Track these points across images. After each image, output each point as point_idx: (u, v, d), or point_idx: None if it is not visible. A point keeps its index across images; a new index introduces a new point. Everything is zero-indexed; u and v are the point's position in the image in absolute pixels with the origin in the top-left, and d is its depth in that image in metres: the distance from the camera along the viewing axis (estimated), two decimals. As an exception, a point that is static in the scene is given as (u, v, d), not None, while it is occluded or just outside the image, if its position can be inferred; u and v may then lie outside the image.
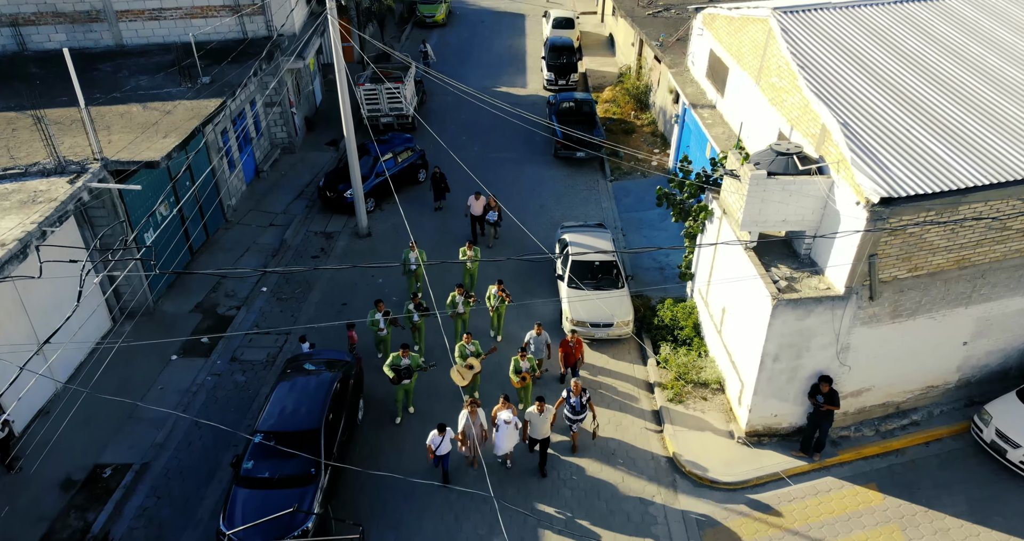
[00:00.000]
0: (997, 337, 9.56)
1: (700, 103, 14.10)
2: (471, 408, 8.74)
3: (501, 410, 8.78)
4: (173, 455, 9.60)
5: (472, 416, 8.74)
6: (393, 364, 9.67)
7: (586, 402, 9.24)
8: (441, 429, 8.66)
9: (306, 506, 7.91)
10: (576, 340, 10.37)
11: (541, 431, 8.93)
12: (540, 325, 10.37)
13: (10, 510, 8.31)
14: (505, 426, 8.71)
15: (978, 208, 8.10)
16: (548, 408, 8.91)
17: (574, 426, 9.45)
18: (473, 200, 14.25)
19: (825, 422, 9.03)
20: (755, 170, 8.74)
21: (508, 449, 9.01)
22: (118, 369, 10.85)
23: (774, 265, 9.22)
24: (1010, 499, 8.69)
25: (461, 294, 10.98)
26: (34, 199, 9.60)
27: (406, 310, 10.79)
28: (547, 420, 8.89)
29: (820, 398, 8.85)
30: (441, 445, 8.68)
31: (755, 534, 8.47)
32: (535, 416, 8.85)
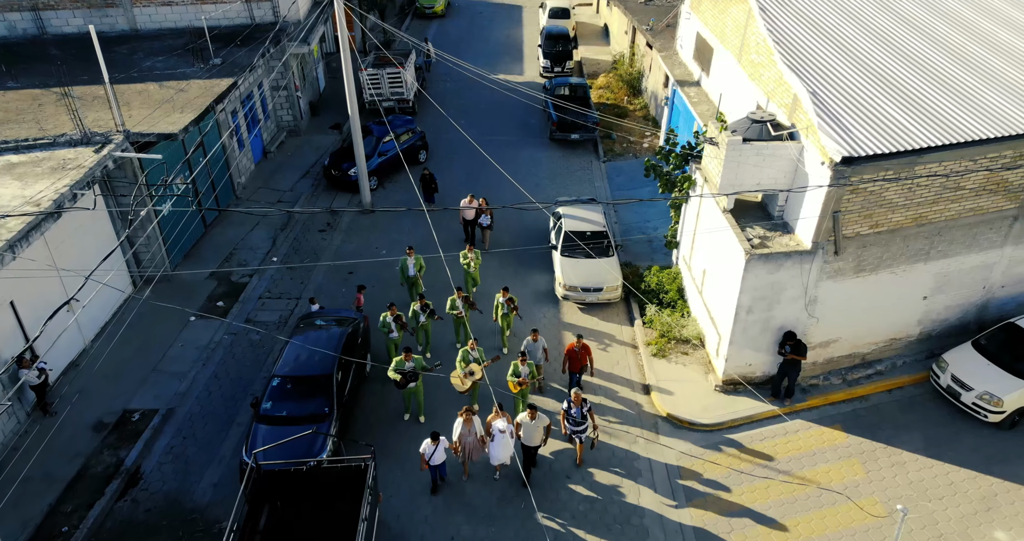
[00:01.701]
0: (955, 292, 10.36)
1: (687, 82, 14.85)
2: (466, 416, 8.63)
3: (496, 419, 8.69)
4: (196, 402, 10.41)
5: (467, 424, 8.63)
6: (397, 368, 9.55)
7: (586, 412, 9.10)
8: (434, 438, 8.53)
9: (319, 446, 8.70)
10: (583, 345, 10.14)
11: (533, 439, 8.83)
12: (536, 331, 10.25)
13: (49, 447, 9.10)
14: (500, 435, 8.63)
15: (933, 168, 8.87)
16: (540, 416, 8.79)
17: (576, 437, 9.30)
18: (466, 203, 13.95)
19: (792, 371, 9.81)
20: (732, 136, 9.52)
21: (504, 458, 8.83)
22: (141, 329, 11.69)
23: (749, 226, 9.99)
24: (962, 437, 9.51)
25: (460, 297, 10.86)
26: (64, 166, 10.35)
27: (412, 311, 10.76)
28: (538, 428, 8.79)
29: (787, 348, 9.65)
30: (435, 454, 8.53)
31: (728, 467, 9.29)
32: (527, 423, 8.74)
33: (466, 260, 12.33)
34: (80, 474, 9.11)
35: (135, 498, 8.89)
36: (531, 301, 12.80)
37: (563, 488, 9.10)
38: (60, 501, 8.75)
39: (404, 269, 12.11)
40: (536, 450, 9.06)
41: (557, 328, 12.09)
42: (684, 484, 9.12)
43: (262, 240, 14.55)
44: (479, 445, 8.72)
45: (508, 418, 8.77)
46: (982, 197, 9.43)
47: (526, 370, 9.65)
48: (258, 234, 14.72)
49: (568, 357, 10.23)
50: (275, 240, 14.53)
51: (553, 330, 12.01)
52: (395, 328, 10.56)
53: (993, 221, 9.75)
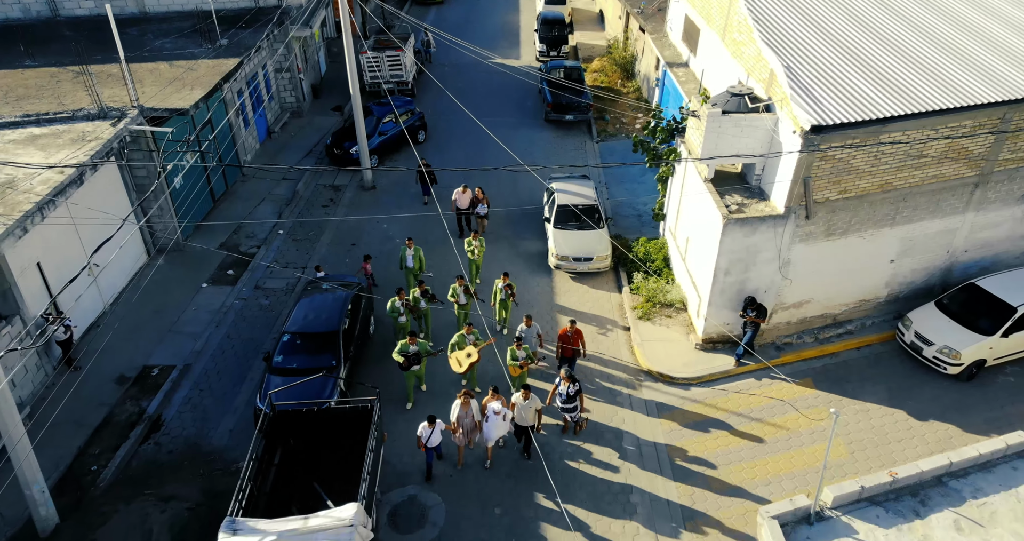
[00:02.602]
0: (920, 256, 11.04)
1: (676, 63, 15.43)
2: (464, 399, 8.91)
3: (491, 401, 8.96)
4: (210, 359, 11.13)
5: (465, 407, 8.90)
6: (402, 351, 9.83)
7: (574, 394, 9.36)
8: (431, 421, 8.74)
9: (328, 389, 9.43)
10: (575, 330, 10.35)
11: (526, 418, 9.09)
12: (529, 317, 10.54)
13: (75, 397, 9.80)
14: (495, 416, 8.90)
15: (896, 137, 9.51)
16: (533, 397, 9.06)
17: (567, 415, 9.64)
18: (459, 193, 14.02)
19: (751, 332, 10.45)
20: (712, 109, 10.14)
21: (497, 438, 9.14)
22: (156, 294, 12.41)
23: (728, 194, 10.65)
24: (923, 387, 10.25)
25: (462, 285, 11.08)
26: (83, 138, 10.97)
27: (412, 297, 10.98)
28: (531, 408, 9.03)
29: (749, 311, 10.31)
30: (431, 436, 8.76)
31: (705, 415, 10.04)
32: (520, 403, 9.02)
33: (471, 247, 12.46)
34: (106, 421, 9.86)
35: (157, 442, 9.65)
36: (525, 271, 13.49)
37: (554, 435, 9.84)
38: (88, 444, 9.51)
39: (403, 260, 12.22)
40: (531, 430, 9.24)
41: (549, 296, 12.78)
42: (664, 429, 9.88)
43: (269, 214, 15.19)
44: (475, 427, 8.99)
45: (503, 401, 9.05)
46: (944, 165, 10.08)
47: (523, 354, 9.92)
48: (264, 208, 15.37)
49: (561, 341, 10.42)
50: (280, 215, 15.18)
51: (546, 298, 12.70)
52: (404, 312, 10.79)
53: (955, 188, 10.42)
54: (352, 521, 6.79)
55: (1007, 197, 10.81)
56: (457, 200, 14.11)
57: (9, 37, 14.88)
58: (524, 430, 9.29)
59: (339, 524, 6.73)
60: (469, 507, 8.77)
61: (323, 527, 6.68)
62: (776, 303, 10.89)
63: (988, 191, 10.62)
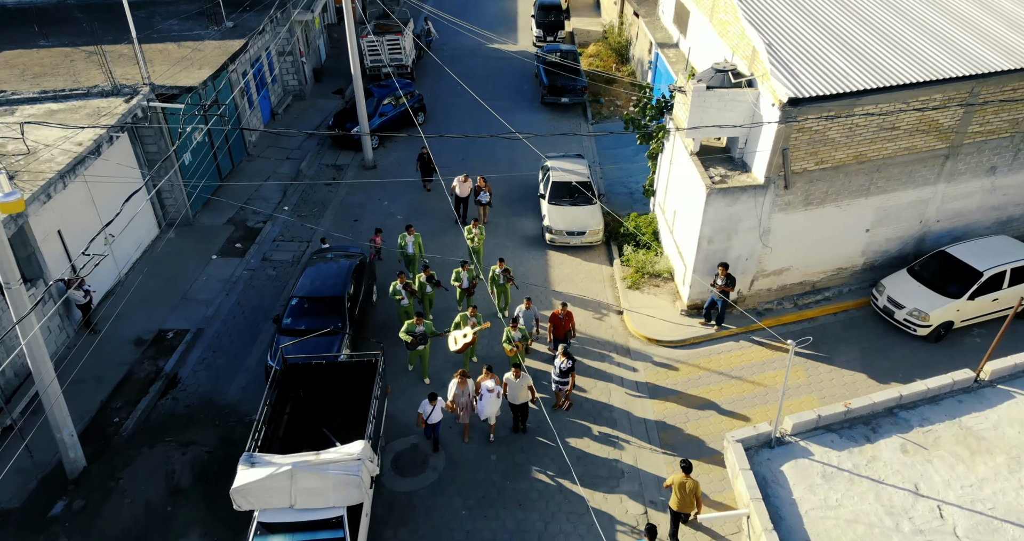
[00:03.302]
0: (894, 226, 11.62)
1: (667, 44, 15.91)
2: (460, 378, 9.25)
3: (485, 379, 9.29)
4: (222, 324, 11.74)
5: (461, 386, 9.23)
6: (408, 330, 10.16)
7: (567, 370, 9.66)
8: (432, 398, 9.03)
9: (336, 346, 10.04)
10: (567, 313, 10.62)
11: (518, 396, 9.36)
12: (529, 300, 10.83)
13: (96, 357, 10.45)
14: (488, 394, 9.21)
15: (869, 109, 10.05)
16: (525, 375, 9.32)
17: (560, 389, 9.94)
18: (460, 181, 14.09)
19: (721, 300, 11.00)
20: (697, 84, 10.66)
21: (490, 414, 9.42)
22: (168, 265, 13.03)
23: (713, 167, 11.21)
24: (894, 348, 10.88)
25: (465, 270, 11.34)
26: (98, 113, 11.50)
27: (418, 283, 11.26)
28: (523, 386, 9.31)
29: (719, 281, 10.83)
30: (432, 414, 9.07)
31: (688, 374, 10.68)
32: (512, 382, 9.29)
33: (471, 235, 12.64)
34: (125, 378, 10.49)
35: (175, 397, 10.28)
36: (520, 246, 14.07)
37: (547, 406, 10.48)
38: (110, 399, 10.14)
39: (403, 247, 12.37)
40: (524, 407, 9.53)
41: (544, 269, 13.36)
42: (649, 386, 10.52)
43: (274, 192, 15.75)
44: (471, 404, 9.33)
45: (496, 379, 9.38)
46: (915, 137, 10.63)
47: (518, 335, 10.25)
48: (270, 186, 15.92)
49: (552, 323, 10.67)
50: (285, 192, 15.73)
51: (540, 271, 13.29)
52: (405, 295, 11.07)
53: (926, 160, 10.97)
54: (360, 455, 7.43)
55: (976, 169, 11.38)
56: (457, 188, 14.18)
57: (22, 18, 15.34)
58: (517, 408, 9.58)
59: (348, 458, 7.36)
60: (467, 454, 9.43)
61: (333, 460, 7.31)
62: (757, 270, 11.49)
63: (958, 163, 11.18)
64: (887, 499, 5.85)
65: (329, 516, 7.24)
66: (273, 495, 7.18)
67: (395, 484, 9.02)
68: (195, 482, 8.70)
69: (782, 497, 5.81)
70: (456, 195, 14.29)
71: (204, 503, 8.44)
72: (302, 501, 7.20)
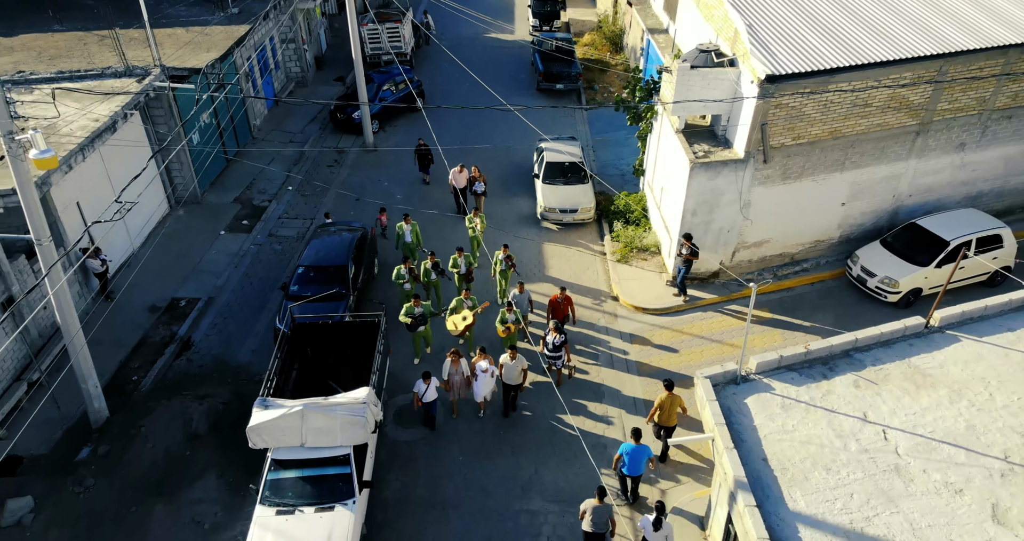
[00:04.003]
0: (868, 200, 12.25)
1: (657, 30, 16.48)
2: (454, 358, 9.48)
3: (479, 360, 9.54)
4: (231, 293, 12.38)
5: (455, 365, 9.49)
6: (408, 312, 10.41)
7: (560, 345, 9.94)
8: (426, 377, 9.31)
9: (341, 308, 10.67)
10: (565, 297, 10.86)
11: (513, 377, 9.58)
12: (522, 284, 11.11)
13: (113, 323, 11.08)
14: (483, 374, 9.46)
15: (842, 86, 10.65)
16: (520, 357, 9.55)
17: (553, 364, 10.28)
18: (456, 173, 14.25)
19: (684, 268, 11.55)
20: (682, 64, 11.25)
21: (485, 394, 9.71)
22: (179, 240, 13.66)
23: (697, 143, 11.81)
24: (866, 314, 11.50)
25: (462, 256, 11.71)
26: (113, 92, 12.05)
27: (423, 269, 11.56)
28: (518, 367, 9.53)
29: (684, 251, 11.39)
30: (427, 392, 9.34)
31: (671, 339, 11.34)
32: (507, 363, 9.52)
33: (471, 224, 12.87)
34: (142, 341, 11.13)
35: (189, 358, 10.92)
36: (515, 223, 14.68)
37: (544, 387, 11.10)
38: (128, 359, 10.79)
39: (400, 236, 12.56)
40: (517, 389, 9.79)
41: (538, 246, 13.98)
42: (635, 348, 11.17)
43: (278, 173, 16.34)
44: (465, 383, 9.64)
45: (491, 360, 9.65)
46: (887, 114, 11.24)
47: (512, 317, 10.49)
48: (274, 168, 16.50)
49: (551, 307, 10.89)
50: (289, 173, 16.32)
51: (534, 248, 13.92)
52: (409, 279, 11.37)
53: (898, 136, 11.58)
54: (365, 399, 8.06)
55: (946, 145, 11.99)
56: (454, 179, 14.32)
57: (37, 3, 15.89)
58: (510, 389, 9.79)
59: (354, 401, 8.00)
60: (463, 409, 10.08)
61: (341, 403, 7.95)
62: (738, 242, 12.12)
63: (928, 139, 11.79)
64: (838, 425, 6.50)
65: (337, 454, 7.88)
66: (285, 434, 7.82)
67: (397, 435, 9.67)
68: (211, 430, 9.34)
69: (744, 424, 6.45)
70: (453, 186, 14.47)
71: (220, 449, 9.09)
72: (312, 440, 7.84)
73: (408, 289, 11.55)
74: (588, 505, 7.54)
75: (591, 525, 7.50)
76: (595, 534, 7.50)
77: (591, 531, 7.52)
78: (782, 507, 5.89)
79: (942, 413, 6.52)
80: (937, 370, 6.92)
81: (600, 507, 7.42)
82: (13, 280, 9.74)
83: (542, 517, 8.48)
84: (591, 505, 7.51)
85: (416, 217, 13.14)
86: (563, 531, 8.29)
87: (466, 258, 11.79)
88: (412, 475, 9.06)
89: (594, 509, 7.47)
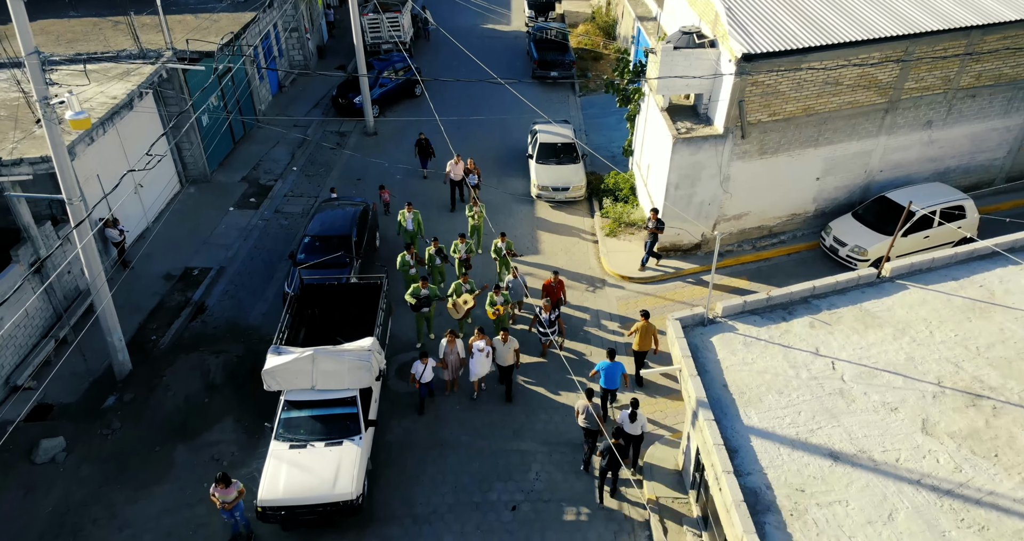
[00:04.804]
0: (842, 175, 12.99)
1: (646, 18, 17.19)
2: (450, 338, 9.81)
3: (476, 340, 9.86)
4: (241, 263, 13.11)
5: (451, 345, 9.83)
6: (414, 293, 10.71)
7: (554, 319, 10.41)
8: (423, 357, 9.59)
9: (346, 273, 11.39)
10: (558, 281, 11.21)
11: (505, 358, 9.93)
12: (516, 268, 11.57)
13: (131, 289, 11.81)
14: (479, 354, 9.79)
15: (814, 65, 11.37)
16: (512, 339, 9.87)
17: (544, 339, 10.74)
18: (453, 165, 14.50)
19: (651, 241, 12.31)
20: (666, 45, 11.96)
21: (482, 373, 10.02)
22: (190, 215, 14.40)
23: (680, 121, 12.54)
24: (837, 281, 12.29)
25: (463, 243, 12.07)
26: (128, 72, 12.76)
27: (428, 255, 11.87)
28: (510, 349, 9.86)
29: (650, 224, 12.11)
30: (424, 372, 9.62)
31: (653, 304, 12.07)
32: (499, 344, 9.86)
33: (471, 213, 13.28)
34: (159, 305, 11.86)
35: (203, 320, 11.65)
36: (511, 202, 15.41)
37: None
38: (147, 321, 11.51)
39: (402, 224, 12.86)
40: (510, 370, 10.10)
41: (532, 222, 14.72)
42: (620, 315, 11.91)
43: (282, 155, 17.05)
44: (460, 363, 10.01)
45: (487, 340, 9.98)
46: (857, 92, 11.97)
47: (501, 299, 10.80)
48: (279, 150, 17.21)
49: (545, 291, 11.22)
50: (294, 155, 17.03)
51: (528, 224, 14.65)
52: (414, 265, 11.72)
53: (868, 113, 12.31)
54: (370, 347, 8.80)
55: (914, 123, 12.73)
56: (451, 171, 14.58)
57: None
58: (504, 370, 10.13)
59: (360, 349, 8.74)
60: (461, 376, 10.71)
61: (348, 349, 8.68)
62: (719, 215, 12.86)
63: (897, 117, 12.53)
64: (792, 358, 7.25)
65: (344, 396, 8.62)
66: (297, 377, 8.55)
67: (399, 387, 10.41)
68: (227, 380, 10.09)
69: (708, 358, 7.20)
70: (451, 178, 14.72)
71: (236, 396, 9.83)
72: (322, 382, 8.57)
73: (413, 274, 11.82)
74: (580, 405, 8.78)
75: (585, 421, 8.72)
76: (589, 429, 8.77)
77: (586, 427, 8.77)
78: (737, 422, 6.67)
79: (886, 348, 7.28)
80: (885, 313, 7.67)
81: (590, 406, 8.61)
82: (40, 244, 10.45)
83: (532, 455, 9.25)
84: (583, 405, 8.72)
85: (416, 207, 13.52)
86: (550, 467, 9.09)
87: (467, 244, 12.26)
88: (412, 419, 9.80)
89: (585, 408, 8.70)
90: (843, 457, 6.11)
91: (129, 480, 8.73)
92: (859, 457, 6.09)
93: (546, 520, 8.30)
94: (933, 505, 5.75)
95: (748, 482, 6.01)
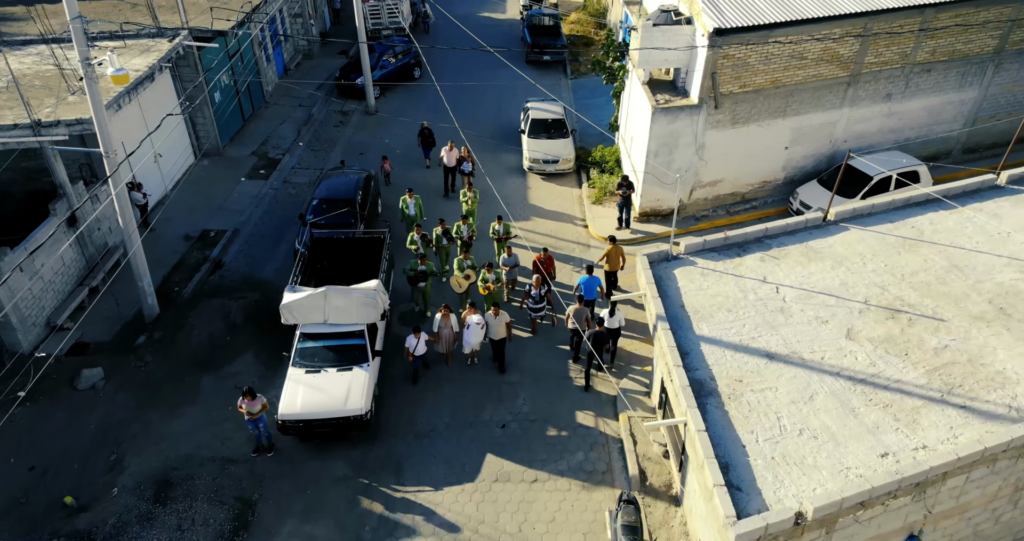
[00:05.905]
0: (808, 144, 14.05)
1: (633, 2, 18.20)
2: (444, 312, 10.29)
3: (470, 314, 10.35)
4: (254, 227, 14.17)
5: (444, 319, 10.31)
6: (411, 267, 11.26)
7: (544, 294, 10.88)
8: (416, 331, 10.04)
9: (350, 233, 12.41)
10: (547, 257, 11.66)
11: (497, 332, 10.40)
12: (510, 248, 11.92)
13: (153, 248, 12.82)
14: (474, 325, 10.29)
15: (780, 39, 12.41)
16: (503, 313, 10.33)
17: (533, 315, 11.21)
18: (447, 151, 14.97)
19: (627, 206, 13.38)
20: (646, 22, 13.00)
21: (475, 345, 10.49)
22: (204, 185, 15.43)
23: (659, 94, 13.58)
24: (803, 240, 13.36)
25: (465, 224, 12.68)
26: (148, 49, 13.76)
27: (435, 235, 12.41)
28: (501, 323, 10.32)
29: (623, 189, 13.10)
30: (417, 346, 10.04)
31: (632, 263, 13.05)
32: (491, 319, 10.32)
33: (465, 198, 13.82)
34: (180, 262, 12.92)
35: (222, 274, 12.71)
36: (504, 173, 16.45)
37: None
38: (169, 274, 12.57)
39: (404, 208, 13.33)
40: (502, 343, 10.56)
41: (523, 193, 15.76)
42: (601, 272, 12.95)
43: (289, 131, 18.05)
44: (453, 336, 10.47)
45: (480, 314, 10.45)
46: (821, 66, 13.01)
47: (493, 276, 11.31)
48: (286, 127, 18.21)
49: (535, 268, 11.54)
50: (299, 131, 18.03)
51: (520, 193, 15.70)
52: (421, 245, 12.20)
53: (831, 86, 13.36)
54: (376, 288, 9.85)
55: (874, 95, 13.79)
56: (445, 157, 15.05)
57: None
58: (497, 344, 10.58)
59: (367, 288, 9.79)
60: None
61: (356, 288, 9.73)
62: (695, 182, 13.92)
63: (858, 90, 13.58)
64: (742, 285, 8.34)
65: (353, 329, 9.68)
66: (311, 312, 9.60)
67: (402, 331, 11.46)
68: (246, 321, 11.15)
69: (670, 285, 8.28)
70: (444, 165, 15.23)
71: (255, 335, 10.90)
72: (333, 317, 9.63)
73: (421, 252, 12.12)
74: (571, 310, 10.09)
75: (574, 323, 9.95)
76: (577, 330, 10.05)
77: (574, 328, 10.03)
78: (691, 333, 7.77)
79: (823, 276, 8.35)
80: (826, 249, 8.73)
81: (579, 309, 10.02)
82: (75, 200, 11.46)
83: (519, 386, 10.34)
84: (573, 309, 10.05)
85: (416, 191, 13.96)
86: (536, 394, 10.20)
87: (469, 226, 12.99)
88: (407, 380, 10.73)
89: (575, 311, 10.04)
90: (777, 357, 7.23)
91: (161, 403, 9.81)
92: (790, 357, 7.20)
93: (532, 436, 9.40)
94: (848, 390, 6.90)
95: (695, 375, 7.13)
